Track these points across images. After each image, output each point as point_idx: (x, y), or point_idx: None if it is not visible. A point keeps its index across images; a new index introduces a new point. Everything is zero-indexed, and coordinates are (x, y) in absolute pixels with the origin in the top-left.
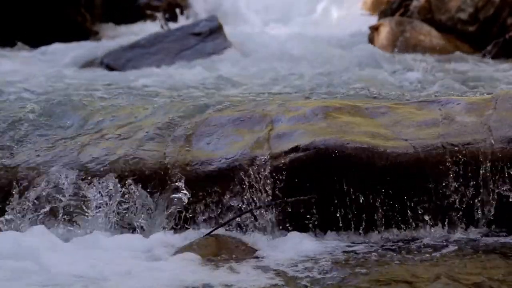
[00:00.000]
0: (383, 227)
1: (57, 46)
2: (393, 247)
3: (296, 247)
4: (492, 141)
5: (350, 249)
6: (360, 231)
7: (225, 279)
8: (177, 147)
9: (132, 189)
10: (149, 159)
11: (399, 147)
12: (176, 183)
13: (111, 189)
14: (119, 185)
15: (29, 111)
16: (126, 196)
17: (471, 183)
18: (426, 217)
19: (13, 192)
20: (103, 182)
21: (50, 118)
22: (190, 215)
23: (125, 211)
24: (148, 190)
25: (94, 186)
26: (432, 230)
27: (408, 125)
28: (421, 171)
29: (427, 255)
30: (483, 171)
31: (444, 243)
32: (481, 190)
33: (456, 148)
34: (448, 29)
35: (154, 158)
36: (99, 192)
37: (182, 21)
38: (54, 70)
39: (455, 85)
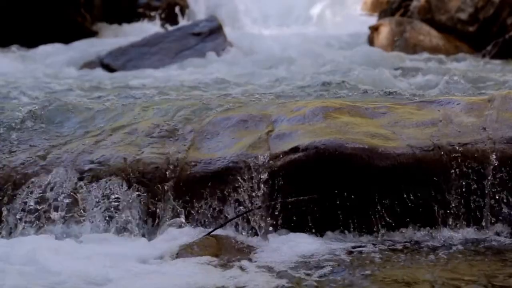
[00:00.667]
0: (384, 227)
1: (56, 46)
2: (395, 248)
3: (297, 248)
4: (492, 142)
5: (352, 250)
6: (361, 232)
7: (237, 280)
8: (178, 148)
9: (133, 191)
10: (150, 160)
11: (399, 148)
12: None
13: (112, 192)
14: (120, 188)
15: (28, 111)
16: (127, 198)
17: (472, 183)
18: (427, 218)
19: (12, 195)
20: (103, 185)
21: (48, 119)
22: (189, 216)
23: (126, 213)
24: (150, 191)
25: (95, 189)
26: (434, 231)
27: (408, 125)
28: (421, 171)
29: (431, 256)
30: (484, 171)
31: (446, 244)
32: (482, 191)
33: (456, 149)
34: (448, 29)
35: (155, 159)
36: (100, 195)
37: (181, 21)
38: (54, 70)
39: (455, 85)
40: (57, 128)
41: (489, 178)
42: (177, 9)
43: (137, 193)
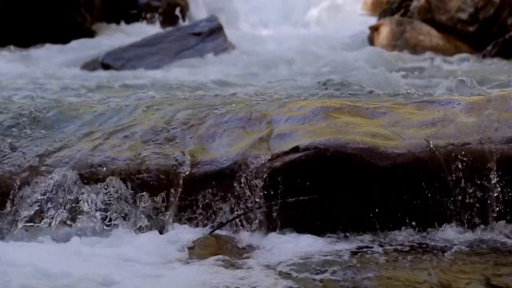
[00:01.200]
0: (384, 228)
1: (56, 46)
2: (396, 248)
3: (297, 248)
4: (493, 142)
5: (352, 250)
6: (362, 232)
7: (246, 281)
8: (178, 149)
9: (135, 193)
10: (151, 162)
11: (399, 148)
12: None
13: (114, 194)
14: (122, 190)
15: (27, 113)
16: (129, 200)
17: (473, 184)
18: (428, 218)
19: (12, 198)
20: (105, 186)
21: (48, 120)
22: (190, 215)
23: (128, 215)
24: (152, 193)
25: (97, 191)
26: (435, 232)
27: (408, 125)
28: (421, 171)
29: (433, 257)
30: (484, 171)
31: (448, 245)
32: (483, 191)
33: (457, 149)
34: (448, 29)
35: (156, 160)
36: (102, 197)
37: (181, 21)
38: (54, 71)
39: (455, 85)
40: (57, 129)
41: (489, 178)
42: (177, 10)
43: (138, 195)
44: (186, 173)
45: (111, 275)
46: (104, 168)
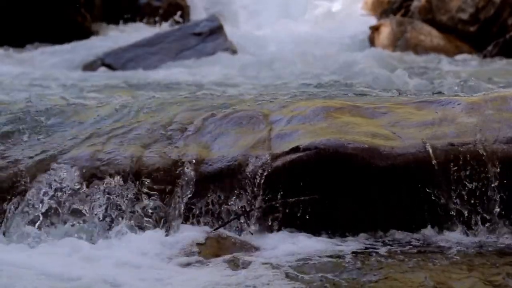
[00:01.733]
0: (384, 228)
1: (56, 46)
2: (396, 249)
3: (298, 248)
4: (493, 142)
5: (354, 250)
6: (361, 232)
7: (255, 281)
8: (179, 148)
9: (136, 193)
10: (152, 161)
11: (399, 148)
12: None
13: (115, 194)
14: (123, 190)
15: (26, 113)
16: (130, 200)
17: (473, 184)
18: (428, 219)
19: (16, 199)
20: (107, 186)
21: (49, 119)
22: (191, 215)
23: (130, 215)
24: (153, 192)
25: (99, 191)
26: (435, 232)
27: (408, 125)
28: (421, 171)
29: (432, 258)
30: (484, 172)
31: (448, 246)
32: (484, 191)
33: (457, 149)
34: (449, 29)
35: (156, 160)
36: (104, 197)
37: (182, 21)
38: (54, 71)
39: (455, 85)
40: (58, 130)
41: (490, 178)
42: (177, 9)
43: (142, 196)
44: (188, 174)
45: (116, 277)
46: (107, 170)
